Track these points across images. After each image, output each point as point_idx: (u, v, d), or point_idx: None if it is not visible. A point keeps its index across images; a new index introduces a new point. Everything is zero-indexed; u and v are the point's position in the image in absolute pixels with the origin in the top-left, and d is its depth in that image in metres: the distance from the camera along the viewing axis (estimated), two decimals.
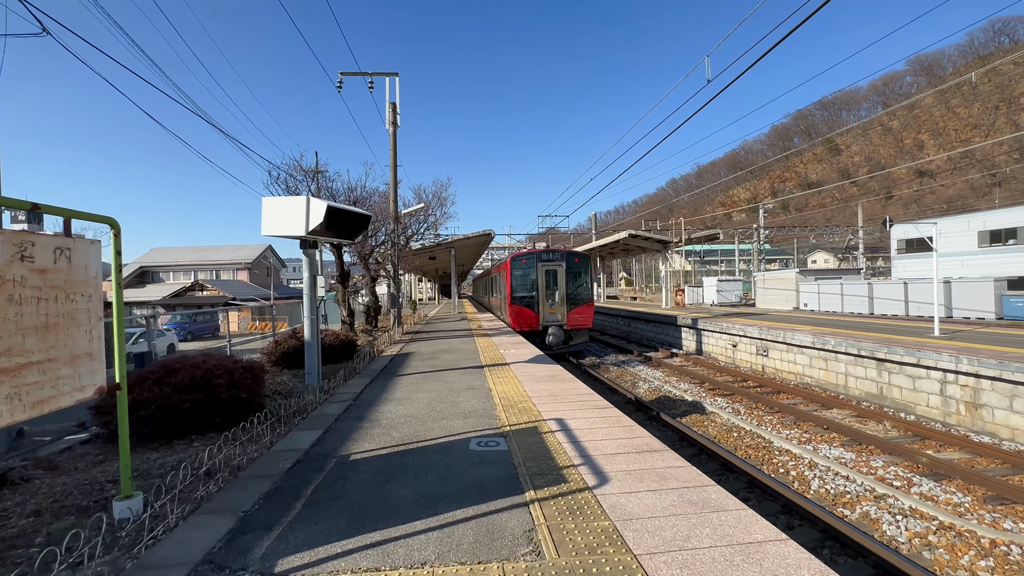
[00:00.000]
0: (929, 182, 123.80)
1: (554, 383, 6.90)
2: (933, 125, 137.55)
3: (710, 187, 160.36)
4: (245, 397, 5.24)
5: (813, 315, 21.74)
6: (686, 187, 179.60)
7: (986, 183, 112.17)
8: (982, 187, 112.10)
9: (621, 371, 14.98)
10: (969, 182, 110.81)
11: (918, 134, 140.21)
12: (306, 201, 6.34)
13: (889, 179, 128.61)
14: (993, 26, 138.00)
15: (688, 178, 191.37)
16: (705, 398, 11.22)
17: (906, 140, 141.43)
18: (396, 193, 14.27)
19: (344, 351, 9.96)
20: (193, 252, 50.23)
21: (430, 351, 10.62)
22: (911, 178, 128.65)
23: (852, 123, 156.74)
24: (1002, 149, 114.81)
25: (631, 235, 24.89)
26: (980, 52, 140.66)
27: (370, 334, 14.97)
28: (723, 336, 16.53)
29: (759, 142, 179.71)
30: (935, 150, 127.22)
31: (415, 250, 23.94)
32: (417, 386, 6.89)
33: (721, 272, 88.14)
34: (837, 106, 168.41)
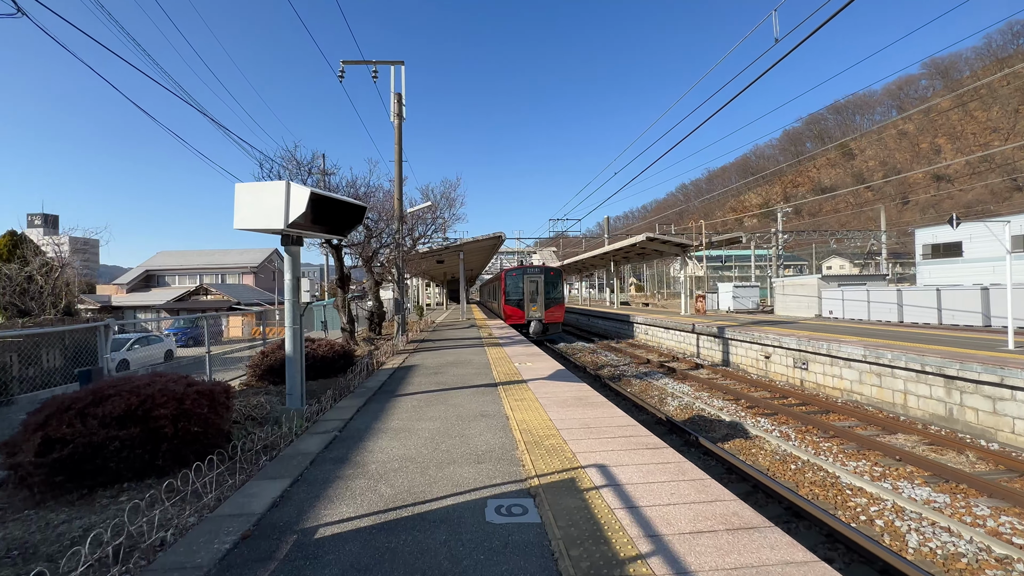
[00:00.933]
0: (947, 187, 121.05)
1: (584, 408, 5.69)
2: (950, 129, 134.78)
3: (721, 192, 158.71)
4: (198, 431, 4.10)
5: (839, 323, 20.37)
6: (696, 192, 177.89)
7: (1007, 187, 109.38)
8: (1002, 191, 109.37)
9: (644, 384, 13.70)
10: (989, 187, 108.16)
11: (935, 138, 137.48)
12: (285, 187, 5.24)
13: (905, 184, 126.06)
14: (1012, 28, 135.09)
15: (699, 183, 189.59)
16: (745, 418, 9.92)
17: (922, 144, 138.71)
18: (401, 190, 13.20)
19: (339, 363, 8.83)
20: (199, 256, 49.75)
21: (436, 364, 9.45)
22: (928, 183, 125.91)
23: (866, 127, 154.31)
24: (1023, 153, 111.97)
25: (649, 238, 23.64)
26: (998, 55, 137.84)
27: (372, 343, 13.85)
28: (754, 346, 15.20)
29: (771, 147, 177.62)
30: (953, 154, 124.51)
31: (422, 253, 22.88)
32: (419, 411, 5.72)
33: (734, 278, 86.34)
34: (850, 110, 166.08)
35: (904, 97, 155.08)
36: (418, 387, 7.20)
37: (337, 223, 6.18)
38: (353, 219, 6.17)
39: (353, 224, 6.21)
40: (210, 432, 4.24)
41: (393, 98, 13.34)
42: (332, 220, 6.14)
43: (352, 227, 6.25)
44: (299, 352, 5.80)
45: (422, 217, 19.96)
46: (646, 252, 28.63)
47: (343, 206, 6.02)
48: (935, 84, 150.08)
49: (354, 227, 6.25)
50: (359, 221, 6.14)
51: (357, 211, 6.10)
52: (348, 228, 6.28)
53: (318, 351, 8.63)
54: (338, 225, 6.21)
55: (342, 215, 6.13)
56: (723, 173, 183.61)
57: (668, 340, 21.61)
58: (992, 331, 14.93)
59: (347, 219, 6.17)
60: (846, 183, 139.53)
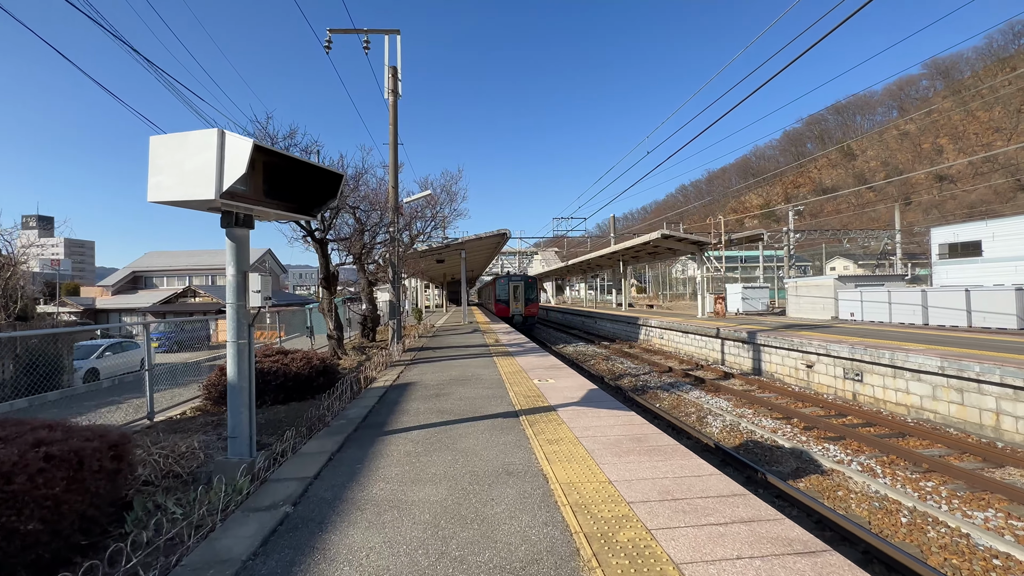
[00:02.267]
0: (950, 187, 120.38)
1: (650, 458, 4.00)
2: (952, 129, 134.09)
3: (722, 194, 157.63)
4: (36, 528, 2.40)
5: (860, 326, 18.89)
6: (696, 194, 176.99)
7: (1010, 187, 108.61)
8: (1006, 192, 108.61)
9: (674, 397, 12.01)
10: (993, 187, 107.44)
11: (937, 138, 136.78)
12: (218, 137, 3.54)
13: (908, 184, 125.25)
14: (1013, 28, 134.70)
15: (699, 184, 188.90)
16: (808, 444, 8.25)
17: (924, 144, 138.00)
18: (396, 177, 11.50)
19: (317, 382, 7.13)
20: (189, 256, 47.94)
21: (437, 381, 7.75)
22: (931, 183, 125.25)
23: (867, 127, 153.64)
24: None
25: (664, 236, 22.00)
26: (999, 55, 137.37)
27: (363, 351, 12.14)
28: (792, 354, 13.54)
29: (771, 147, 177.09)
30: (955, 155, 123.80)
31: (421, 252, 21.20)
32: (415, 464, 4.01)
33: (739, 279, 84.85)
34: (851, 111, 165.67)
35: (905, 97, 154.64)
36: (414, 418, 5.50)
37: (302, 197, 4.49)
38: (325, 192, 4.48)
39: (326, 199, 4.52)
40: (64, 526, 2.53)
41: (387, 72, 11.67)
42: (295, 192, 4.45)
43: (325, 203, 4.56)
44: (247, 378, 4.09)
45: (420, 214, 18.29)
46: (658, 251, 26.99)
47: (309, 172, 4.33)
48: (936, 84, 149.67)
49: (327, 204, 4.56)
50: (333, 195, 4.45)
51: (330, 180, 4.41)
52: (319, 205, 4.59)
53: (291, 367, 6.91)
54: (304, 200, 4.52)
55: (309, 185, 4.44)
56: (723, 174, 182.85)
57: (687, 345, 19.94)
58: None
59: (316, 191, 4.49)
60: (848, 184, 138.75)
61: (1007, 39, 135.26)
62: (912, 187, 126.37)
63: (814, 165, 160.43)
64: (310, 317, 13.24)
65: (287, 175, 4.36)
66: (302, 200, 4.53)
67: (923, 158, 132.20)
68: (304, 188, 4.48)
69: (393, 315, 11.42)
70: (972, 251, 31.56)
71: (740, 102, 9.20)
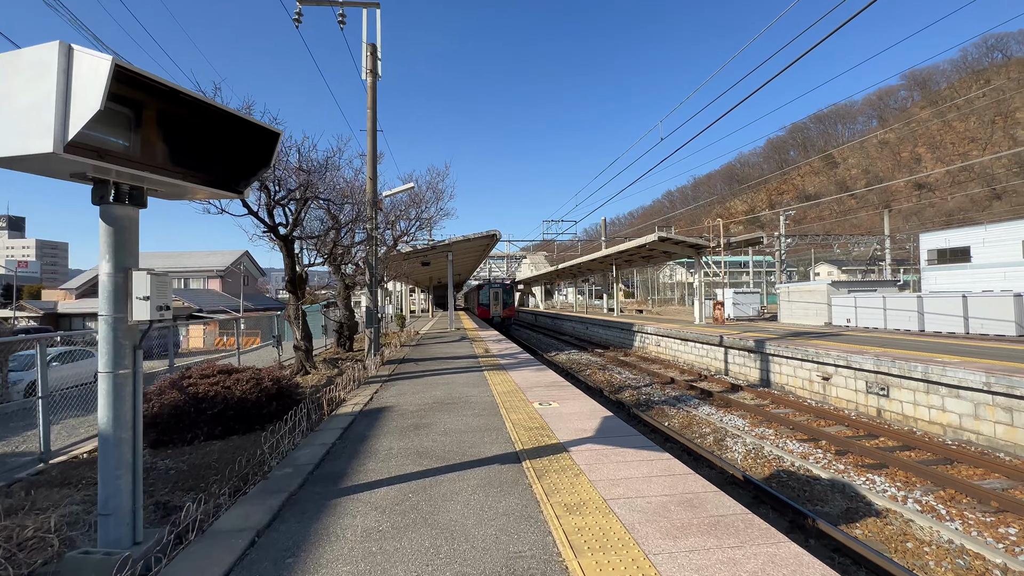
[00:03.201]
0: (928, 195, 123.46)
1: (721, 539, 2.77)
2: (930, 139, 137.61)
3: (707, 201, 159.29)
4: None
5: (855, 332, 18.33)
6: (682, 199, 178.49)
7: (986, 196, 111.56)
8: (982, 200, 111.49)
9: (684, 415, 10.85)
10: (969, 195, 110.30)
11: (915, 147, 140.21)
12: (61, 56, 2.24)
13: (888, 192, 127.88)
14: (986, 42, 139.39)
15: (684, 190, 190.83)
16: (847, 473, 7.15)
17: (903, 153, 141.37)
18: (375, 167, 10.17)
19: (268, 408, 5.76)
20: (159, 259, 45.56)
21: (417, 405, 6.43)
22: (910, 191, 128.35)
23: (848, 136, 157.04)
24: (1001, 163, 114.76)
25: (661, 238, 21.01)
26: (974, 68, 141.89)
27: (336, 364, 10.74)
28: (805, 364, 12.55)
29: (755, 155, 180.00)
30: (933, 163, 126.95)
31: (405, 254, 19.83)
32: (374, 564, 2.70)
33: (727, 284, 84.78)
34: (832, 119, 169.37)
35: (884, 107, 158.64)
36: (384, 464, 4.18)
37: (225, 165, 3.19)
38: (257, 159, 3.19)
39: (258, 168, 3.22)
40: None
41: (365, 49, 10.37)
42: (214, 158, 3.15)
43: (256, 174, 3.26)
44: (128, 426, 2.77)
45: (404, 213, 16.96)
46: (653, 255, 26.06)
47: (232, 128, 3.03)
48: (914, 95, 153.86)
49: (260, 174, 3.26)
50: (267, 162, 3.16)
51: (262, 141, 3.12)
52: (249, 176, 3.29)
53: (234, 390, 5.54)
54: (229, 170, 3.22)
55: (234, 149, 3.14)
56: (708, 180, 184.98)
57: (686, 353, 18.91)
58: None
59: (245, 158, 3.19)
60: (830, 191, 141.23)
61: (981, 52, 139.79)
62: (892, 195, 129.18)
63: (797, 172, 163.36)
64: (277, 325, 11.79)
65: (201, 134, 3.05)
66: (225, 169, 3.23)
67: (902, 166, 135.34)
68: (228, 153, 3.18)
69: (371, 323, 10.07)
70: (961, 257, 31.43)
71: (725, 113, 9.22)
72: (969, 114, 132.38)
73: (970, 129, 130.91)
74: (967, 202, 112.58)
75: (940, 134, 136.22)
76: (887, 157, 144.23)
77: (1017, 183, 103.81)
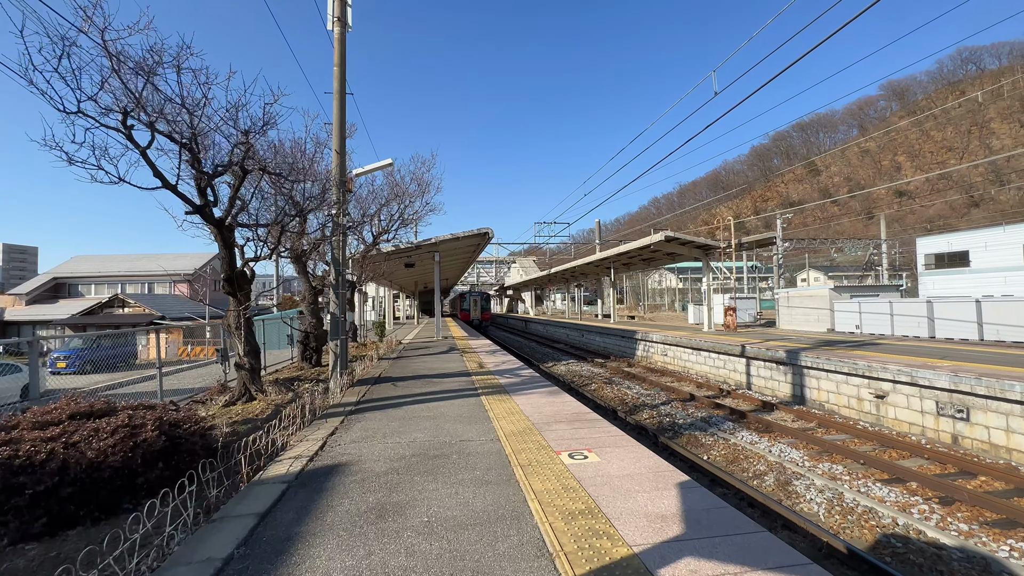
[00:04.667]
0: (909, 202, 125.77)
1: None
2: (909, 147, 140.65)
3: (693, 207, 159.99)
4: None
5: (864, 339, 16.99)
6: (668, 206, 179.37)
7: (965, 203, 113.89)
8: (961, 207, 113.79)
9: (722, 444, 8.94)
10: (948, 203, 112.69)
11: (895, 156, 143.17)
12: None
13: (869, 199, 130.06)
14: (961, 54, 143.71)
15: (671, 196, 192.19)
16: (976, 536, 5.31)
17: (884, 161, 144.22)
18: (343, 139, 8.10)
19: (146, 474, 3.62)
20: (122, 261, 42.36)
21: (388, 462, 4.30)
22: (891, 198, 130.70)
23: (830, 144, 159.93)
24: (978, 171, 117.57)
25: (667, 238, 19.27)
26: (949, 79, 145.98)
27: (292, 386, 8.56)
28: (852, 379, 10.79)
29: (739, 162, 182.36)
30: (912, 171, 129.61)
31: (387, 253, 17.65)
32: None
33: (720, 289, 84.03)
34: (815, 128, 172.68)
35: (864, 117, 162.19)
36: None
37: None
38: None
39: None
40: None
41: None
42: None
43: None
44: None
45: (385, 205, 14.84)
46: (655, 257, 24.35)
47: None
48: (892, 105, 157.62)
49: None
50: None
51: None
52: None
53: (85, 449, 3.38)
54: None
55: None
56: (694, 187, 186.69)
57: (698, 364, 17.11)
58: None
59: None
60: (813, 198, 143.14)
61: (956, 64, 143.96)
62: (874, 202, 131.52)
63: (781, 180, 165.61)
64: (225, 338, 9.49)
65: None
66: None
67: (883, 174, 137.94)
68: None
69: (336, 334, 7.95)
70: (959, 261, 30.58)
71: (709, 125, 9.59)
72: (946, 124, 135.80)
73: (947, 138, 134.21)
74: (947, 209, 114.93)
75: (919, 143, 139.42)
76: (868, 165, 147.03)
77: (994, 190, 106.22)
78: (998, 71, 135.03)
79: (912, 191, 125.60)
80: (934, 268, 32.29)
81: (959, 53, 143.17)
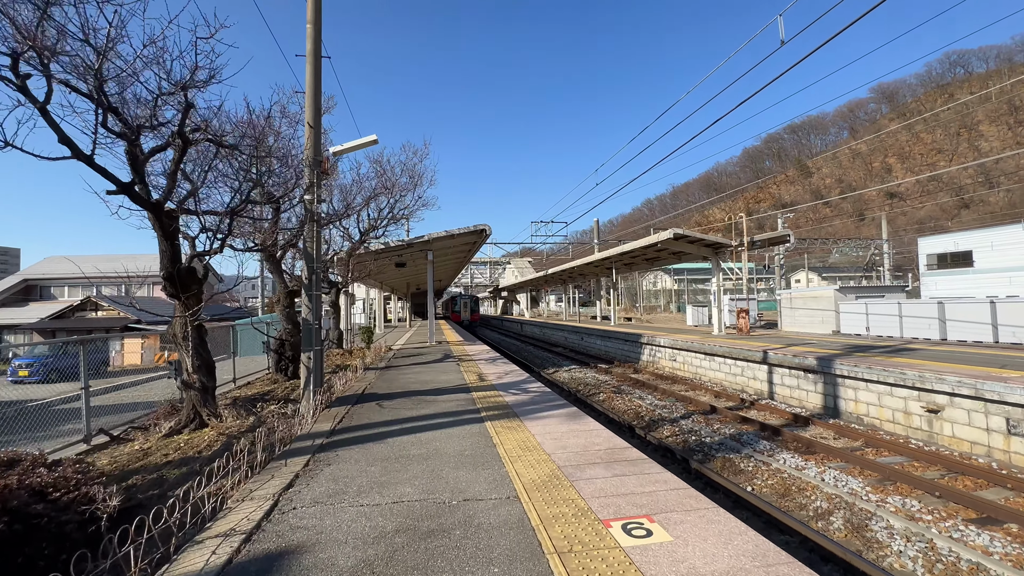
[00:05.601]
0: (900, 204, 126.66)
1: None
2: (899, 149, 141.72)
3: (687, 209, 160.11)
4: None
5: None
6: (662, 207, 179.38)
7: (955, 205, 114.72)
8: (951, 209, 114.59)
9: (763, 470, 7.68)
10: (939, 204, 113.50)
11: (886, 158, 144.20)
12: None
13: (861, 200, 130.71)
14: (949, 58, 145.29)
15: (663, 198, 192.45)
16: None
17: (874, 163, 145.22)
18: (319, 110, 6.72)
19: None
20: (100, 262, 40.26)
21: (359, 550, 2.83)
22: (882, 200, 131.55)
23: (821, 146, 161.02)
24: (968, 173, 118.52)
25: (676, 235, 18.09)
26: (938, 82, 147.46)
27: (252, 409, 7.15)
28: (898, 390, 9.60)
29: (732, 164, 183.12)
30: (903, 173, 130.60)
31: (376, 251, 16.24)
32: None
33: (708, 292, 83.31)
34: (806, 130, 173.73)
35: (854, 119, 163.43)
36: None
37: None
38: None
39: None
40: None
41: None
42: None
43: None
44: None
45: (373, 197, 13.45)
46: (660, 256, 23.16)
47: None
48: (882, 108, 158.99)
49: None
50: None
51: None
52: None
53: None
54: None
55: None
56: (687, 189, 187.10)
57: (712, 371, 15.90)
58: None
59: None
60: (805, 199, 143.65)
61: (944, 68, 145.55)
62: (865, 203, 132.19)
63: (773, 181, 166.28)
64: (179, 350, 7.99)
65: None
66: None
67: (874, 176, 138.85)
68: None
69: (309, 344, 6.57)
70: (963, 262, 29.90)
71: (704, 129, 9.99)
72: (935, 126, 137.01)
73: (937, 140, 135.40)
74: (937, 210, 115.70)
75: (909, 145, 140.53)
76: (859, 167, 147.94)
77: (983, 192, 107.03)
78: (985, 74, 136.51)
79: (903, 192, 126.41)
80: (936, 268, 31.57)
81: (947, 56, 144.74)
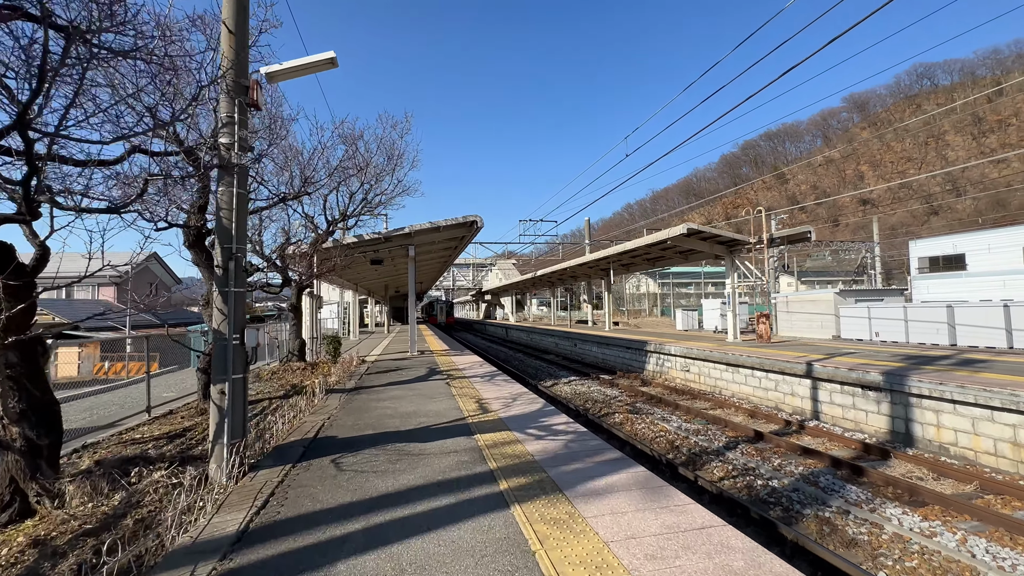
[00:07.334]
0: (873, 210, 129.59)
1: None
2: (871, 157, 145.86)
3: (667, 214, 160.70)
4: None
5: (879, 348, 14.61)
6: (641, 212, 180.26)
7: (925, 212, 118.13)
8: (921, 215, 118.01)
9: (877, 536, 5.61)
10: (910, 211, 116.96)
11: (858, 165, 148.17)
12: None
13: (835, 206, 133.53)
14: (916, 70, 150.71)
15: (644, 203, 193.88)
16: None
17: (847, 171, 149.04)
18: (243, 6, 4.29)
19: None
20: None
21: None
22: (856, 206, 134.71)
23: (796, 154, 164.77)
24: (936, 181, 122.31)
25: (689, 231, 16.17)
26: (906, 93, 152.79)
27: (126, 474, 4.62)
28: (1001, 415, 7.72)
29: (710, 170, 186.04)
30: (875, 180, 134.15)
31: (348, 245, 13.69)
32: None
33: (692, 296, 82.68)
34: (781, 137, 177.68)
35: (828, 128, 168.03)
36: None
37: None
38: None
39: None
40: None
41: None
42: None
43: None
44: None
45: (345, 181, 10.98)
46: (665, 256, 21.27)
47: None
48: (854, 117, 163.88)
49: None
50: None
51: None
52: None
53: None
54: None
55: None
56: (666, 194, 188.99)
57: (735, 383, 13.96)
58: None
59: None
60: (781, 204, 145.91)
61: (912, 79, 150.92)
62: (840, 209, 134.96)
63: (751, 187, 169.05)
64: None
65: None
66: None
67: (847, 183, 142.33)
68: None
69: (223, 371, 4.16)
70: (955, 265, 29.26)
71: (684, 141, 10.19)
72: (905, 135, 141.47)
73: (906, 149, 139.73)
74: (908, 217, 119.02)
75: (880, 153, 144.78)
76: (833, 174, 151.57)
77: (951, 200, 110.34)
78: (950, 87, 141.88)
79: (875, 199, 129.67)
80: (928, 271, 30.89)
81: (915, 68, 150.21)
